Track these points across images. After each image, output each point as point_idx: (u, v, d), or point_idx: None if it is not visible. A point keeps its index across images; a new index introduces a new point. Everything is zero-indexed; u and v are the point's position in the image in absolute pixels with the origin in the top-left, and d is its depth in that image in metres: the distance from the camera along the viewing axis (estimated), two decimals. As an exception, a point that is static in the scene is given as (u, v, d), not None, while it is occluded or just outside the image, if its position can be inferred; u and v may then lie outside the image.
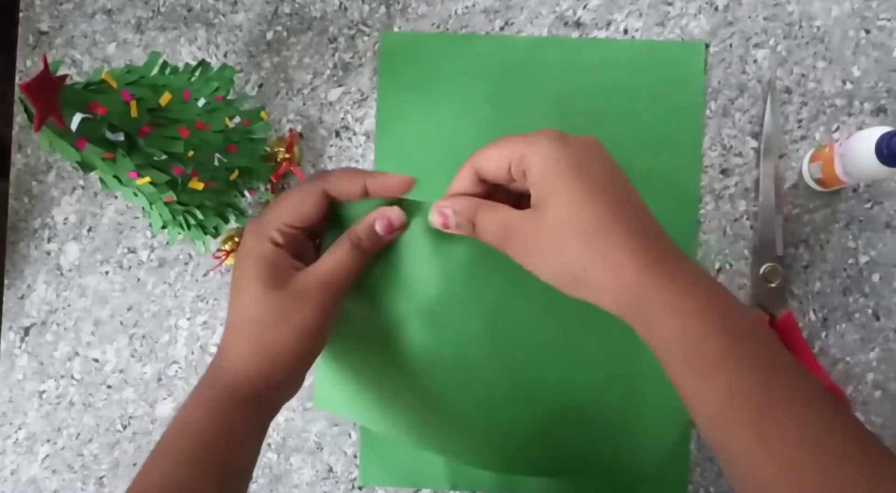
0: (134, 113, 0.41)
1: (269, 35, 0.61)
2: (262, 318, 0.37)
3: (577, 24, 0.59)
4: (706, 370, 0.32)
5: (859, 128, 0.57)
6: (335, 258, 0.39)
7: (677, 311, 0.32)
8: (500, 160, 0.35)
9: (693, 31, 0.58)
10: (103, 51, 0.62)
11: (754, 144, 0.58)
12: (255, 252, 0.38)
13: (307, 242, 0.42)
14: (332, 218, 0.41)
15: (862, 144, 0.49)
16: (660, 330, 0.33)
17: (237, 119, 0.52)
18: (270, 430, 0.59)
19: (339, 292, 0.39)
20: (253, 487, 0.59)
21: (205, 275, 0.60)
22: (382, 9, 0.60)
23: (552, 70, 0.58)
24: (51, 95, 0.35)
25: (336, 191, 0.40)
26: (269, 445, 0.59)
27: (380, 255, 0.41)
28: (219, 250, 0.58)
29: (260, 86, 0.61)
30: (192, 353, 0.60)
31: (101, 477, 0.60)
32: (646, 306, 0.33)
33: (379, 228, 0.39)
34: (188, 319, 0.60)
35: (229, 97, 0.52)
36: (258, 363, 0.37)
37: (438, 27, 0.60)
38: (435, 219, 0.38)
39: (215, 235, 0.56)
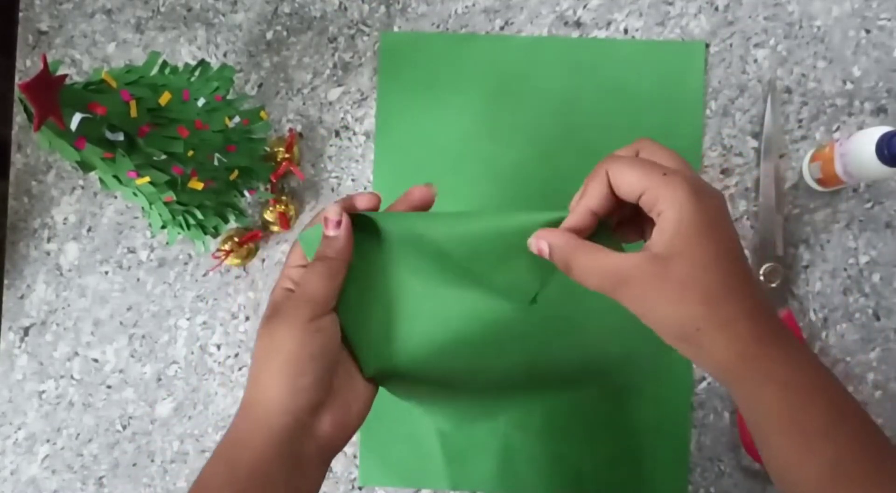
0: (133, 113, 0.40)
1: (269, 35, 0.61)
2: (255, 354, 0.38)
3: (577, 24, 0.59)
4: (809, 442, 0.32)
5: (859, 128, 0.57)
6: (303, 276, 0.38)
7: (783, 383, 0.33)
8: (636, 185, 0.34)
9: (693, 31, 0.58)
10: (103, 51, 0.62)
11: (754, 143, 0.57)
12: (269, 302, 0.39)
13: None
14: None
15: (862, 144, 0.49)
16: (762, 400, 0.33)
17: (237, 119, 0.52)
18: (270, 430, 0.59)
19: (314, 306, 0.37)
20: (253, 487, 0.59)
21: (204, 275, 0.60)
22: (382, 9, 0.60)
23: (552, 70, 0.58)
24: (50, 94, 0.35)
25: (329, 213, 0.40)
26: (268, 445, 0.59)
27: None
28: (218, 249, 0.58)
29: (260, 86, 0.61)
30: (192, 353, 0.60)
31: (101, 477, 0.60)
32: (751, 375, 0.33)
33: (328, 231, 0.38)
34: (188, 319, 0.60)
35: (229, 97, 0.52)
36: (251, 397, 0.37)
37: (438, 27, 0.60)
38: (533, 248, 0.38)
39: (215, 235, 0.56)
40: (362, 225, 0.39)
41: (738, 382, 0.34)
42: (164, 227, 0.51)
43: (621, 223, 0.38)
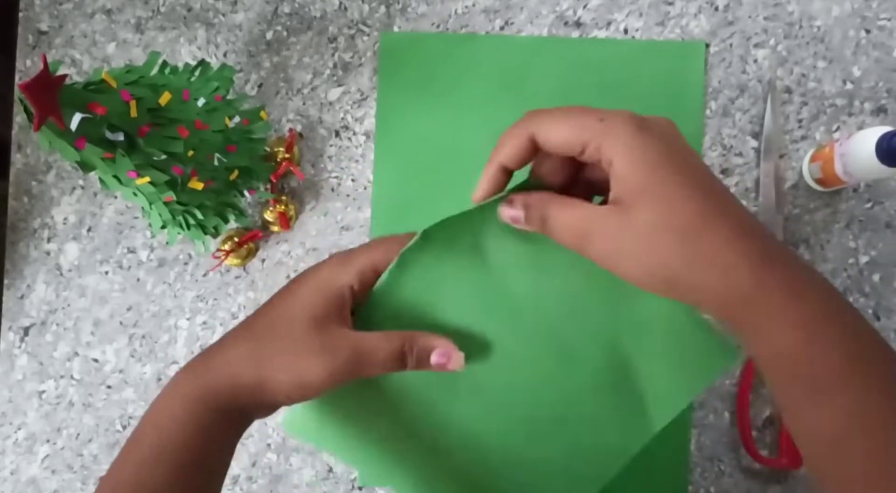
0: (133, 113, 0.41)
1: (269, 35, 0.61)
2: (284, 343, 0.36)
3: (577, 24, 0.59)
4: (822, 389, 0.29)
5: (859, 128, 0.57)
6: (382, 346, 0.36)
7: (791, 322, 0.29)
8: (571, 139, 0.32)
9: (693, 31, 0.58)
10: (103, 51, 0.62)
11: (754, 143, 0.57)
12: (325, 281, 0.36)
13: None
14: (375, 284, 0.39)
15: (862, 144, 0.49)
16: (769, 342, 0.30)
17: (237, 119, 0.52)
18: (270, 430, 0.59)
19: (360, 371, 0.36)
20: (253, 487, 0.59)
21: (204, 275, 0.60)
22: (382, 8, 0.60)
23: (552, 70, 0.58)
24: (50, 95, 0.35)
25: None
26: (268, 445, 0.59)
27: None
28: (218, 249, 0.58)
29: (260, 86, 0.61)
30: (192, 353, 0.60)
31: (101, 477, 0.60)
32: (755, 313, 0.30)
33: (434, 360, 0.37)
34: (188, 319, 0.60)
35: (229, 97, 0.52)
36: (249, 379, 0.36)
37: (438, 27, 0.60)
38: (504, 212, 0.35)
39: (215, 235, 0.56)
40: None
41: (739, 321, 0.30)
42: (164, 227, 0.51)
43: (567, 189, 0.36)
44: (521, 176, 0.37)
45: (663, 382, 0.40)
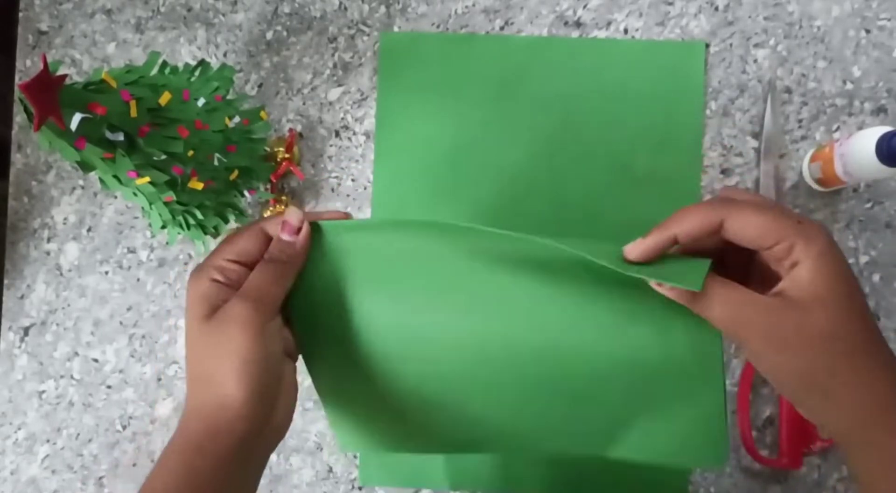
0: (133, 113, 0.41)
1: (269, 35, 0.61)
2: (199, 352, 0.36)
3: (577, 24, 0.59)
4: None
5: (859, 128, 0.57)
6: (253, 277, 0.37)
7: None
8: (766, 235, 0.34)
9: (693, 31, 0.58)
10: (103, 51, 0.62)
11: (754, 143, 0.58)
12: (193, 292, 0.37)
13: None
14: (311, 255, 0.40)
15: (862, 144, 0.49)
16: (877, 467, 0.33)
17: (237, 119, 0.52)
18: (270, 430, 0.59)
19: (265, 309, 0.37)
20: (253, 487, 0.59)
21: (205, 275, 0.60)
22: (382, 9, 0.60)
23: (552, 70, 0.58)
24: (50, 95, 0.35)
25: (270, 227, 0.39)
26: (268, 445, 0.59)
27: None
28: (219, 249, 0.58)
29: (260, 86, 0.61)
30: (192, 353, 0.60)
31: (101, 477, 0.60)
32: (879, 436, 0.33)
33: (284, 235, 0.38)
34: (188, 319, 0.60)
35: (229, 97, 0.52)
36: (206, 400, 0.36)
37: (438, 27, 0.60)
38: (663, 290, 0.36)
39: (215, 235, 0.56)
40: (328, 236, 0.39)
41: (858, 439, 0.33)
42: (164, 227, 0.51)
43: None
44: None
45: (646, 436, 0.41)
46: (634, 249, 0.35)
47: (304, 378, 0.42)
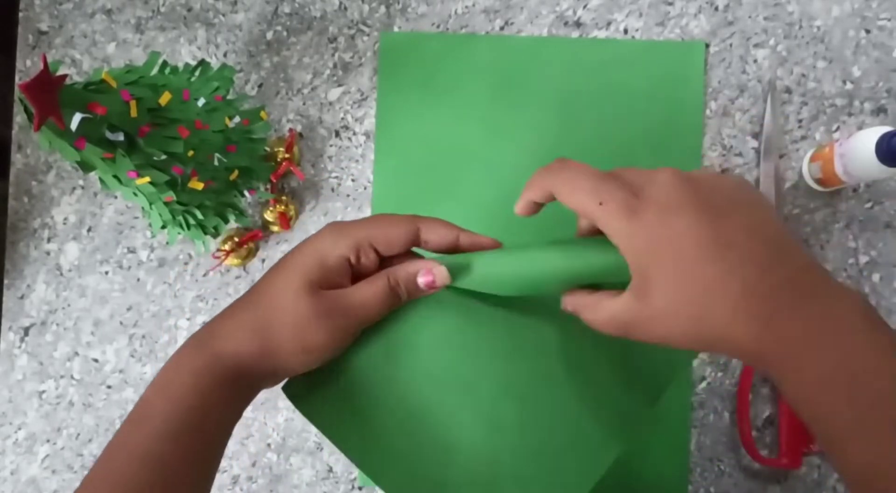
0: (134, 113, 0.41)
1: (269, 35, 0.61)
2: (284, 313, 0.36)
3: (577, 24, 0.59)
4: (835, 445, 0.29)
5: (859, 128, 0.57)
6: (370, 292, 0.37)
7: (800, 381, 0.30)
8: (581, 214, 0.34)
9: (693, 31, 0.58)
10: (103, 51, 0.62)
11: (754, 144, 0.58)
12: (320, 251, 0.37)
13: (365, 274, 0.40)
14: None
15: (862, 144, 0.49)
16: (786, 392, 0.31)
17: (237, 119, 0.53)
18: (270, 430, 0.59)
19: (359, 324, 0.38)
20: (253, 487, 0.59)
21: (204, 275, 0.60)
22: (382, 9, 0.60)
23: (552, 70, 0.58)
24: (50, 95, 0.35)
25: (429, 234, 0.38)
26: (268, 445, 0.59)
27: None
28: (218, 249, 0.58)
29: (260, 86, 0.61)
30: (192, 353, 0.60)
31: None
32: (770, 368, 0.31)
33: (421, 281, 0.38)
34: (188, 319, 0.60)
35: (229, 97, 0.52)
36: (253, 349, 0.37)
37: (438, 27, 0.60)
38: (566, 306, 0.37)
39: (215, 235, 0.56)
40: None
41: (774, 367, 0.31)
42: (164, 227, 0.51)
43: None
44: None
45: (619, 401, 0.41)
46: (517, 206, 0.38)
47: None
